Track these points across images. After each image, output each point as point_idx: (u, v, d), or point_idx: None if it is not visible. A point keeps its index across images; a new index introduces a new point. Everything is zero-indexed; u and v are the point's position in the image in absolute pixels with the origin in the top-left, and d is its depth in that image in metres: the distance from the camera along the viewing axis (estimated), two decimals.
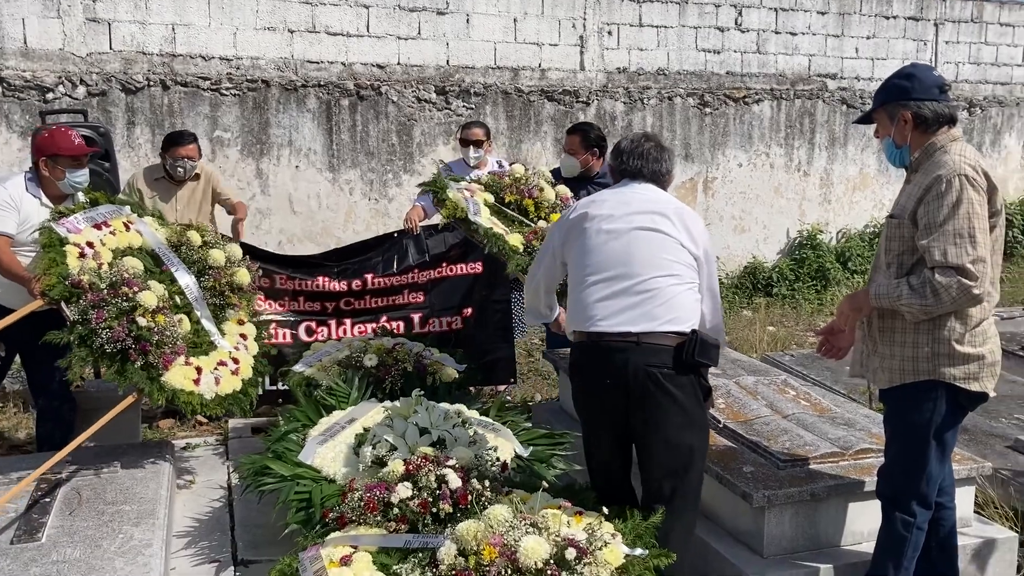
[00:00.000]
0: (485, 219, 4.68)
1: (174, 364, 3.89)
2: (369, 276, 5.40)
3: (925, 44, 10.38)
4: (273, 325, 5.15)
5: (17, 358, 4.61)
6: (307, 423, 4.05)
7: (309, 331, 5.25)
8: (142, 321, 3.84)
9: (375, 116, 7.83)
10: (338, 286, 5.33)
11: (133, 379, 3.77)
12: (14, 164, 6.66)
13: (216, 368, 4.09)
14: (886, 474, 3.13)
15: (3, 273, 4.12)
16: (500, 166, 5.95)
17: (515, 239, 4.67)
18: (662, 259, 3.10)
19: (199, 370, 3.99)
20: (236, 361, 4.23)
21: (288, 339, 5.19)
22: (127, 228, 4.34)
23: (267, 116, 7.46)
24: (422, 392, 4.10)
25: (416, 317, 5.47)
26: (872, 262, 3.19)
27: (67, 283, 3.83)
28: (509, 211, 4.86)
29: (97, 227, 4.19)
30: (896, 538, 3.06)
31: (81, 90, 6.86)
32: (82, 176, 4.30)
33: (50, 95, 6.75)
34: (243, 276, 4.55)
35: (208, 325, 4.27)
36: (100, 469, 4.01)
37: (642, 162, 3.27)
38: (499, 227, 4.70)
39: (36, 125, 5.77)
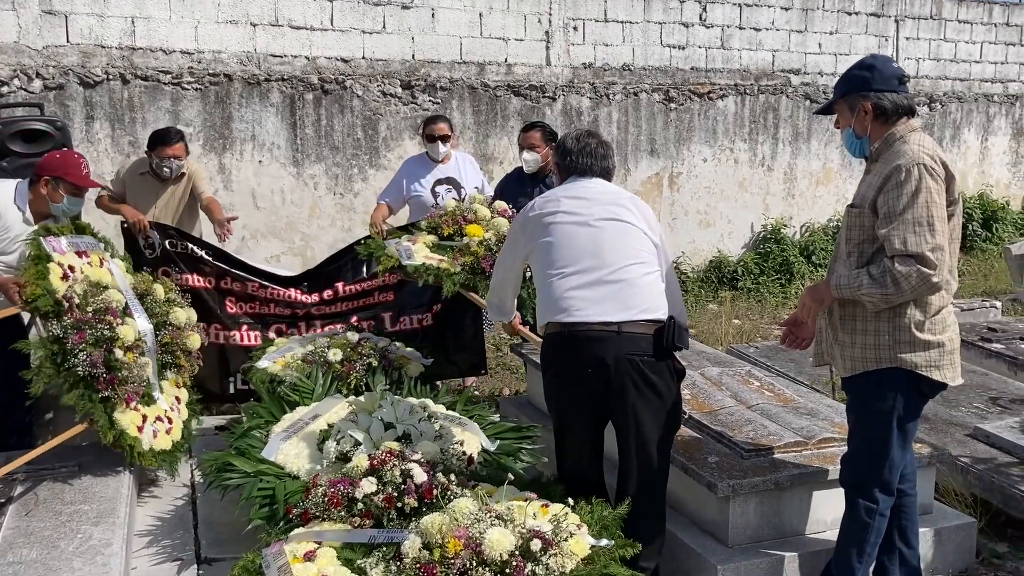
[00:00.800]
0: (419, 258, 4.79)
1: (130, 404, 3.83)
2: (340, 285, 5.42)
3: (886, 40, 10.51)
4: (244, 327, 5.22)
5: None
6: (270, 419, 4.00)
7: (279, 333, 5.24)
8: (119, 354, 3.81)
9: (340, 110, 7.77)
10: (309, 298, 5.36)
11: (91, 409, 3.71)
12: None
13: (154, 423, 4.02)
14: (849, 462, 3.16)
15: None
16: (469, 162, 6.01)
17: (448, 263, 4.80)
18: (630, 247, 3.19)
19: (144, 418, 3.95)
20: (170, 421, 4.15)
21: (258, 340, 5.17)
22: (101, 264, 4.27)
23: (229, 110, 7.37)
24: (387, 387, 4.08)
25: (387, 316, 5.46)
26: (833, 253, 3.22)
27: (55, 297, 3.78)
28: (451, 242, 4.97)
29: (79, 255, 4.14)
30: (859, 525, 3.09)
31: (37, 83, 6.72)
32: (78, 205, 4.33)
33: (5, 88, 6.60)
34: (195, 341, 4.50)
35: (152, 378, 4.17)
36: (58, 469, 3.93)
37: (592, 160, 3.36)
38: (434, 259, 4.81)
39: None
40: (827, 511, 3.49)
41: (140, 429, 3.87)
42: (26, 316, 4.43)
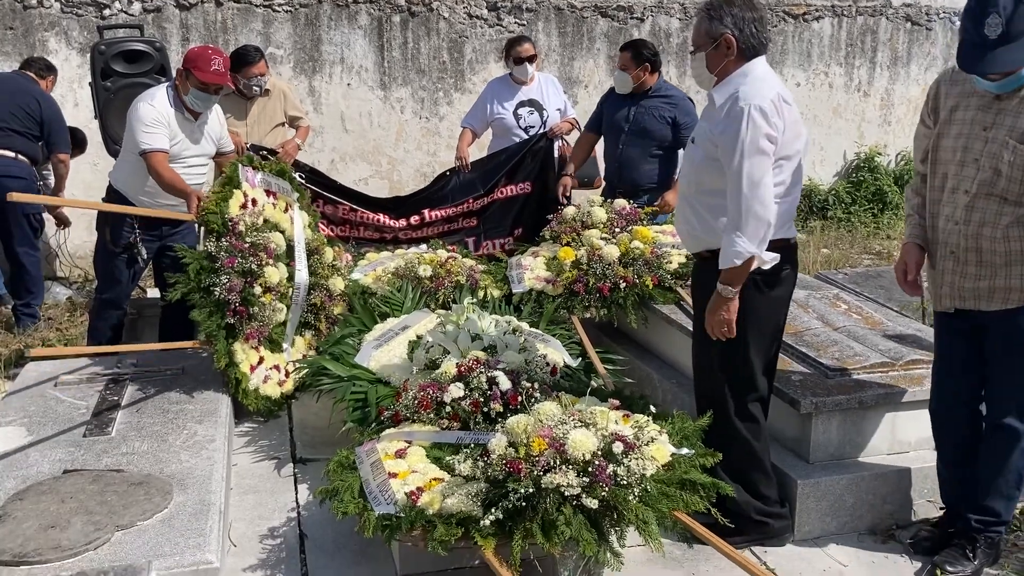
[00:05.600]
0: (528, 283, 4.67)
1: (250, 341, 3.94)
2: (426, 211, 5.68)
3: None
4: (337, 248, 5.33)
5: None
6: (362, 328, 4.15)
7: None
8: (256, 290, 3.91)
9: (426, 33, 7.77)
10: (397, 223, 5.63)
11: (211, 329, 3.82)
12: (74, 80, 6.78)
13: (270, 369, 4.10)
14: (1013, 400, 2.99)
15: (164, 186, 4.26)
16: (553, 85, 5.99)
17: (549, 288, 4.64)
18: None
19: (261, 360, 4.04)
20: (287, 374, 4.20)
21: (349, 262, 5.32)
22: (285, 210, 4.40)
23: (319, 33, 7.45)
24: (474, 301, 4.17)
25: (470, 241, 5.68)
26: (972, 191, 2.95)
27: (224, 218, 3.93)
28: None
29: (268, 193, 4.27)
30: (1017, 466, 3.01)
31: (137, 6, 6.91)
32: (206, 102, 4.39)
33: (107, 11, 6.81)
34: (339, 311, 4.58)
35: (290, 329, 4.26)
36: (164, 372, 4.17)
37: (767, 33, 3.00)
38: (540, 281, 4.65)
39: (94, 41, 5.84)
40: (911, 432, 3.47)
41: (252, 369, 3.97)
42: None
